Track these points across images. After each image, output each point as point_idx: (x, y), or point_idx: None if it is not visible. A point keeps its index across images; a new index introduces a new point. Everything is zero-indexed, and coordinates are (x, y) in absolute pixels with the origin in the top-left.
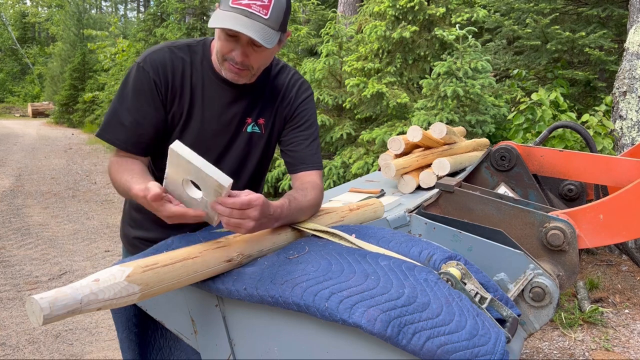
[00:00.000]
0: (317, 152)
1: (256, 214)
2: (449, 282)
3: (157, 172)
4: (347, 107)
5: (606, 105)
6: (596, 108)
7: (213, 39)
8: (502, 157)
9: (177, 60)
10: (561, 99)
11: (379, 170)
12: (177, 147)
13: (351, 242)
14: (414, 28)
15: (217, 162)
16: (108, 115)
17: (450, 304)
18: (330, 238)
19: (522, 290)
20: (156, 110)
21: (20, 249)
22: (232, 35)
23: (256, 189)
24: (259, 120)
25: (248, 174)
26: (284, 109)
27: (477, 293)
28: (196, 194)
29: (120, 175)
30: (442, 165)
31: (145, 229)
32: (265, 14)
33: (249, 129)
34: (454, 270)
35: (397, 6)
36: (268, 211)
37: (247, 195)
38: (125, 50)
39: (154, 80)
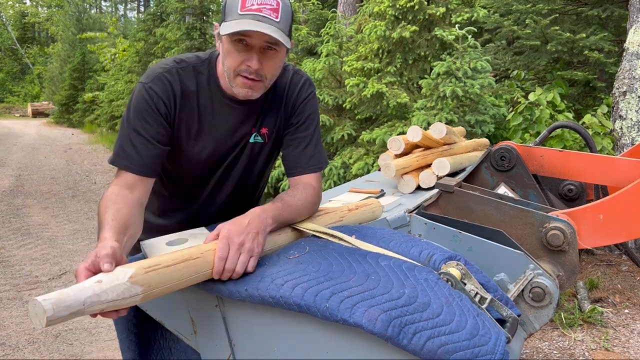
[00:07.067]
0: (316, 153)
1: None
2: (449, 282)
3: (166, 182)
4: (347, 107)
5: (607, 106)
6: (596, 108)
7: (218, 54)
8: (502, 157)
9: (184, 85)
10: (558, 99)
11: (379, 170)
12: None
13: (350, 243)
14: (414, 28)
15: (224, 175)
16: (119, 139)
17: (450, 304)
18: (330, 239)
19: (522, 290)
20: (165, 129)
21: (20, 249)
22: (244, 44)
23: (258, 194)
24: (262, 130)
25: (251, 183)
26: (287, 112)
27: (477, 293)
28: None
29: (105, 212)
30: (442, 165)
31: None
32: (276, 17)
33: (252, 139)
34: (454, 270)
35: (397, 6)
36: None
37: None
38: (127, 50)
39: (163, 100)
